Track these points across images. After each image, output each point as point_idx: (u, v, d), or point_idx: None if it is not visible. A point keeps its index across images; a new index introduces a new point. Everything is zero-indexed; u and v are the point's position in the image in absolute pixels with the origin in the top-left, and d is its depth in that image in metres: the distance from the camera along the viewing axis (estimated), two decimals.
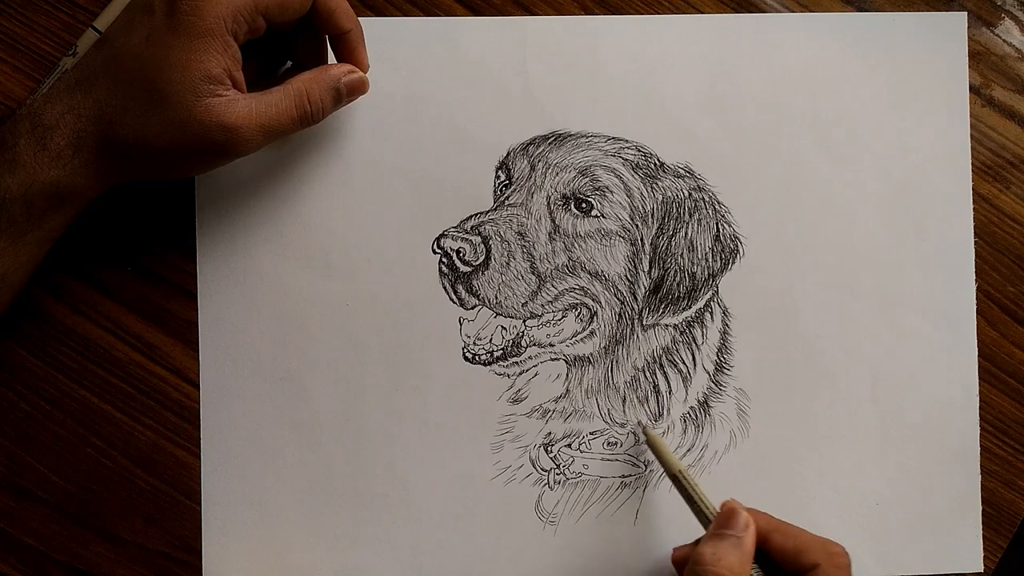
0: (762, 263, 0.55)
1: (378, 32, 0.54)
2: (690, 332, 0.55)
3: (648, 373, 0.55)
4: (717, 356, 0.55)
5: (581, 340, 0.54)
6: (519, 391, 0.54)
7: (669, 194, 0.55)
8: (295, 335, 0.54)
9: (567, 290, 0.54)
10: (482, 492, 0.54)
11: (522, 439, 0.54)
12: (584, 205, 0.54)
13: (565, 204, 0.54)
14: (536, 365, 0.54)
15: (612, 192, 0.54)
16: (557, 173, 0.54)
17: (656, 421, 0.54)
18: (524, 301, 0.54)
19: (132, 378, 0.54)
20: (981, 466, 0.55)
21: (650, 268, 0.54)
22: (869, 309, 0.55)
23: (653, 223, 0.54)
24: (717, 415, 0.55)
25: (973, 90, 0.56)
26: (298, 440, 0.54)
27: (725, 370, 0.55)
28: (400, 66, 0.54)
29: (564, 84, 0.55)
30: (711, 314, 0.55)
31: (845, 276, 0.55)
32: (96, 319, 0.54)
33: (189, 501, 0.53)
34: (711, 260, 0.55)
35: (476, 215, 0.54)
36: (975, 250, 0.56)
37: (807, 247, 0.55)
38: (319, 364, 0.54)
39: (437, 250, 0.54)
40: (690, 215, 0.55)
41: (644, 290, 0.54)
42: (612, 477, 0.54)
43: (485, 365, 0.54)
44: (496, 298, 0.54)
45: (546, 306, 0.54)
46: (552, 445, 0.54)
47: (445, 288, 0.54)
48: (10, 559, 0.53)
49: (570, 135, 0.55)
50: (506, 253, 0.53)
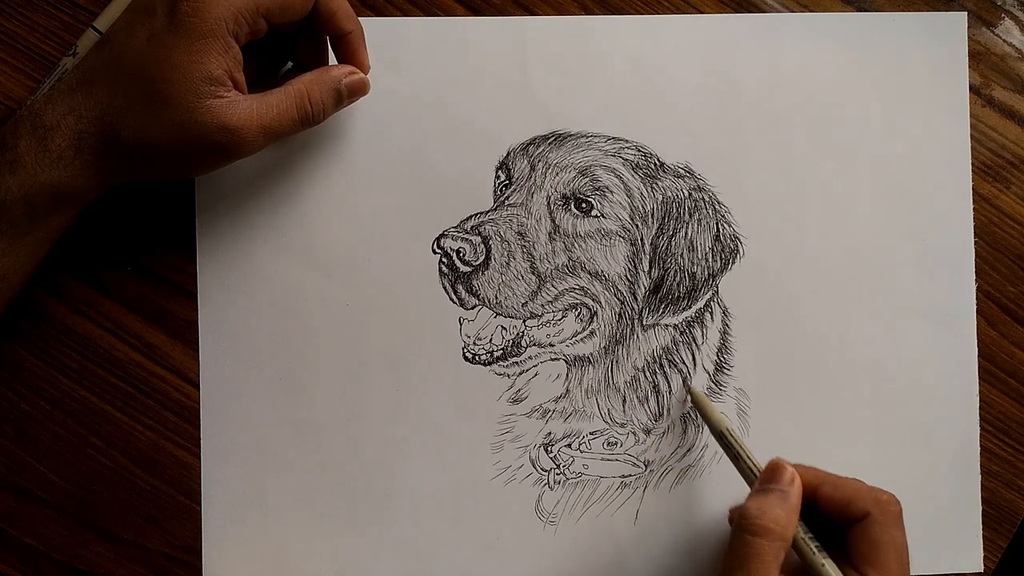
0: (762, 263, 0.55)
1: (378, 32, 0.53)
2: (690, 332, 0.55)
3: (648, 373, 0.55)
4: (717, 356, 0.55)
5: (581, 340, 0.54)
6: (519, 391, 0.54)
7: (669, 194, 0.55)
8: (295, 335, 0.54)
9: (567, 290, 0.54)
10: (482, 492, 0.54)
11: (522, 439, 0.54)
12: (584, 205, 0.54)
13: (565, 204, 0.54)
14: (536, 365, 0.54)
15: (612, 192, 0.54)
16: (557, 173, 0.54)
17: (656, 421, 0.54)
18: (524, 301, 0.54)
19: (132, 378, 0.54)
20: (981, 466, 0.55)
21: (650, 268, 0.54)
22: (869, 309, 0.55)
23: (653, 223, 0.54)
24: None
25: (973, 90, 0.56)
26: (298, 440, 0.54)
27: (725, 370, 0.55)
28: (400, 66, 0.54)
29: (564, 84, 0.55)
30: (711, 314, 0.55)
31: (845, 276, 0.55)
32: (96, 319, 0.54)
33: (189, 501, 0.53)
34: (711, 260, 0.55)
35: (476, 215, 0.54)
36: (975, 250, 0.56)
37: (807, 247, 0.55)
38: (319, 364, 0.54)
39: (437, 250, 0.54)
40: (690, 215, 0.55)
41: (644, 290, 0.54)
42: (612, 477, 0.54)
43: (485, 365, 0.54)
44: (496, 298, 0.54)
45: (546, 306, 0.54)
46: (552, 445, 0.54)
47: (445, 288, 0.54)
48: (10, 559, 0.53)
49: (570, 135, 0.55)
50: (506, 253, 0.53)
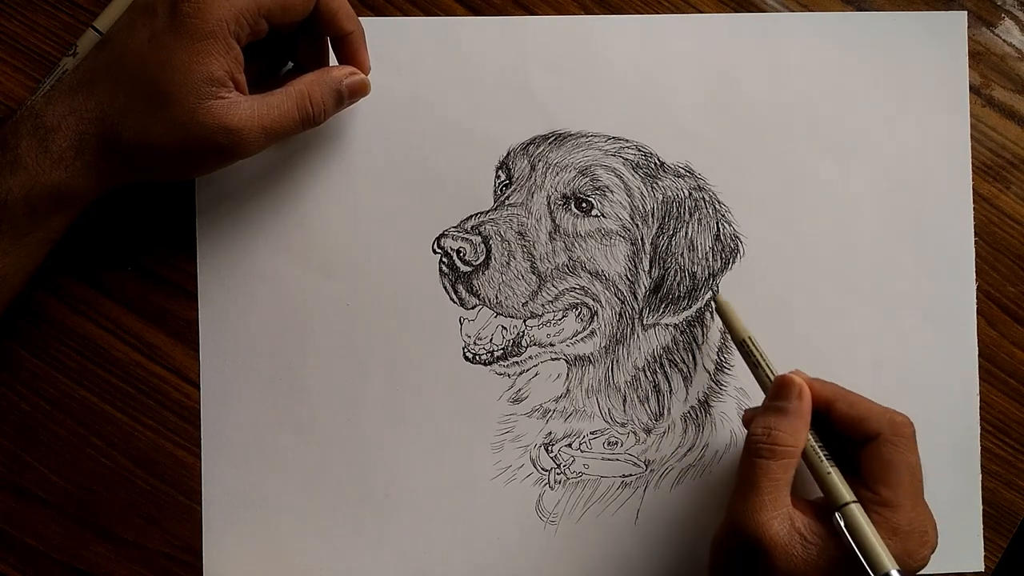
0: (762, 263, 0.55)
1: (378, 32, 0.53)
2: (690, 332, 0.55)
3: (648, 372, 0.55)
4: (717, 355, 0.55)
5: (581, 340, 0.54)
6: (519, 391, 0.54)
7: (669, 194, 0.55)
8: (295, 335, 0.54)
9: (567, 290, 0.54)
10: (482, 492, 0.54)
11: (522, 439, 0.54)
12: (584, 205, 0.54)
13: (565, 204, 0.54)
14: (536, 365, 0.54)
15: (612, 192, 0.54)
16: (557, 173, 0.54)
17: (657, 421, 0.54)
18: (524, 301, 0.54)
19: (132, 378, 0.54)
20: (981, 466, 0.55)
21: (650, 268, 0.54)
22: (869, 309, 0.55)
23: (653, 223, 0.54)
24: (718, 415, 0.55)
25: (973, 90, 0.56)
26: (298, 440, 0.54)
27: (726, 369, 0.55)
28: (400, 66, 0.54)
29: (564, 84, 0.55)
30: (711, 313, 0.55)
31: (845, 276, 0.55)
32: (96, 319, 0.53)
33: (189, 501, 0.53)
34: (711, 260, 0.55)
35: (476, 215, 0.54)
36: (975, 250, 0.56)
37: (807, 247, 0.55)
38: (319, 364, 0.54)
39: (437, 250, 0.54)
40: (690, 215, 0.55)
41: (644, 290, 0.54)
42: (612, 477, 0.54)
43: (485, 365, 0.54)
44: (496, 298, 0.53)
45: (546, 306, 0.54)
46: (552, 445, 0.54)
47: (445, 288, 0.54)
48: (10, 559, 0.53)
49: (570, 135, 0.55)
50: (506, 253, 0.53)
